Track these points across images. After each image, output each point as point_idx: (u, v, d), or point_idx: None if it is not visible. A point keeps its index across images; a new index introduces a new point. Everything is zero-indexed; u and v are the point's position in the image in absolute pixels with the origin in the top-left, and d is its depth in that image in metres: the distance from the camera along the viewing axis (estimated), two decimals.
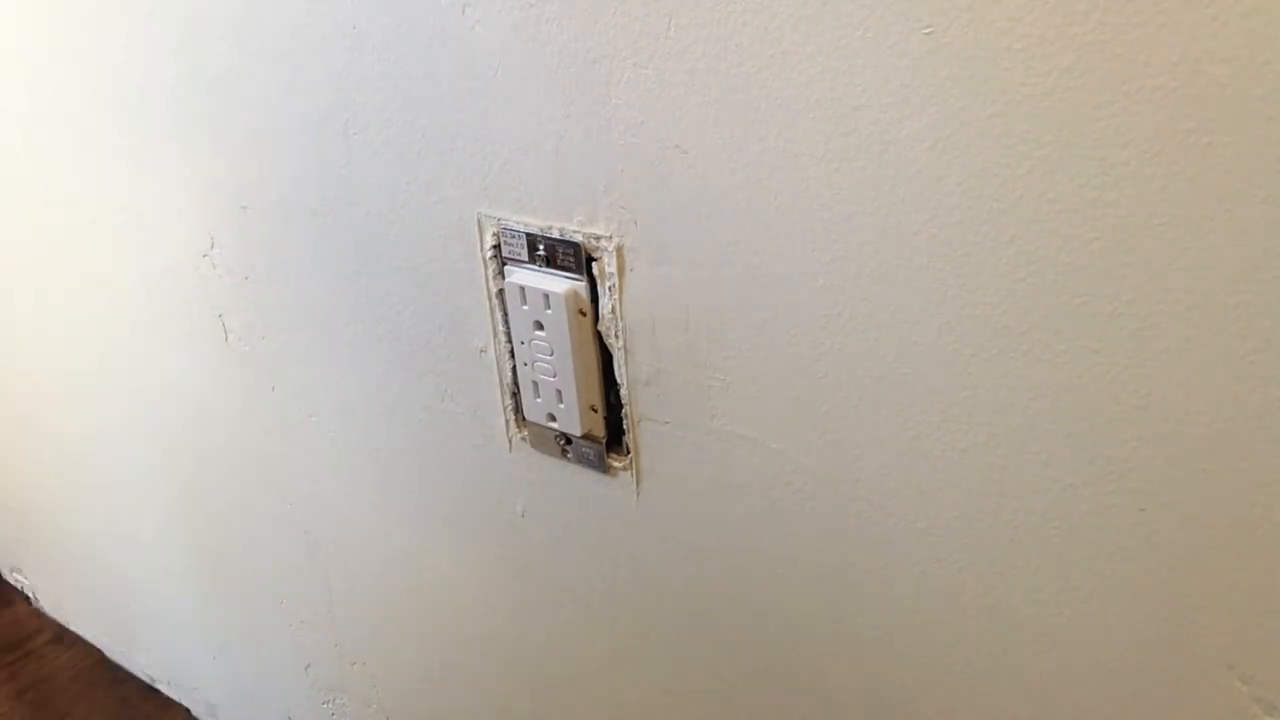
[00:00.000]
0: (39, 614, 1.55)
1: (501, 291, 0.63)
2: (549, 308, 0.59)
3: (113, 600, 1.33)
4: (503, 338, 0.65)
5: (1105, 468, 0.45)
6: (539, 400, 0.64)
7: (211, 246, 0.82)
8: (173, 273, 0.87)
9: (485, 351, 0.67)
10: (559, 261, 0.59)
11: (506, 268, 0.61)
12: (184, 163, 0.79)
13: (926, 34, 0.41)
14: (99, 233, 0.92)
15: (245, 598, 1.07)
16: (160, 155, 0.80)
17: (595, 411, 0.62)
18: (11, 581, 1.60)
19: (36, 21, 0.83)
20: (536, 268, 0.60)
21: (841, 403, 0.52)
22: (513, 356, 0.65)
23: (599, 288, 0.58)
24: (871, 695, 0.60)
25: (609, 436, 0.63)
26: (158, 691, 1.38)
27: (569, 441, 0.65)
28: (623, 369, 0.60)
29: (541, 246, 0.59)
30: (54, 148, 0.90)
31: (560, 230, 0.58)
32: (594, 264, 0.57)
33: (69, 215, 0.94)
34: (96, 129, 0.84)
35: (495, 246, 0.61)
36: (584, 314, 0.59)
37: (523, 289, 0.60)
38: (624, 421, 0.62)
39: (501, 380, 0.67)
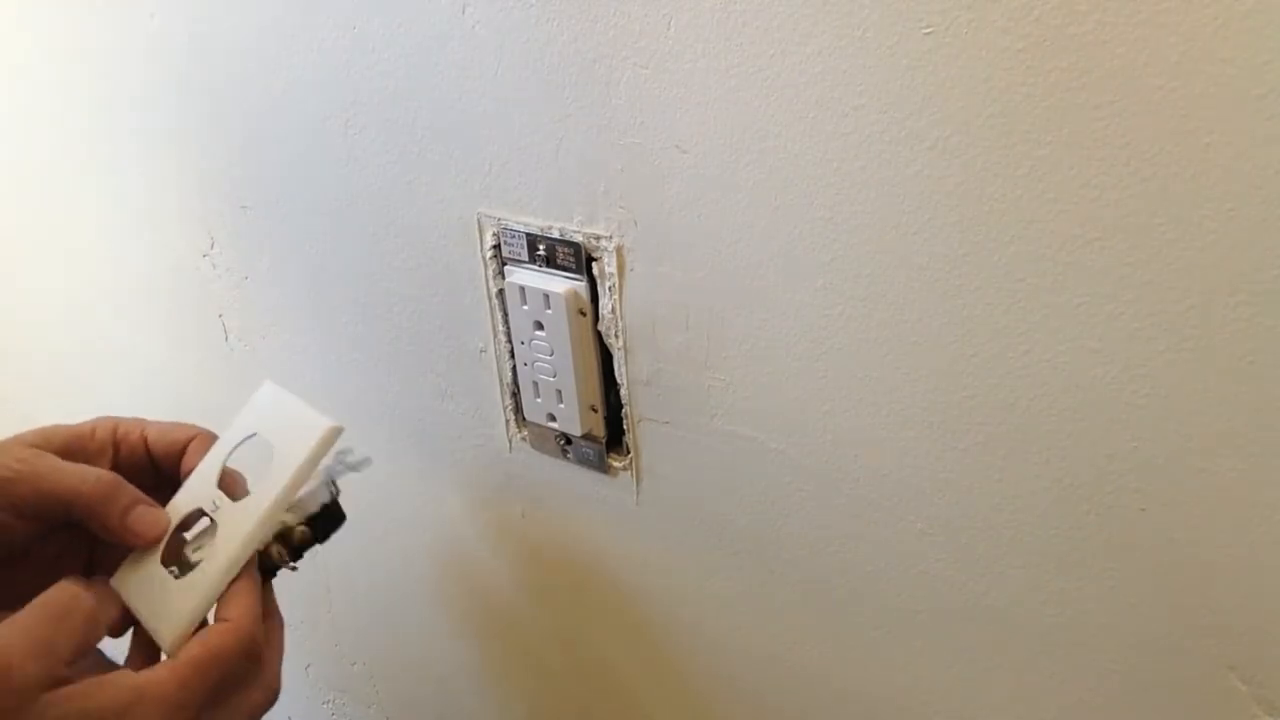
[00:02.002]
0: None
1: (501, 291, 0.63)
2: (549, 308, 0.59)
3: None
4: (503, 338, 0.65)
5: (1105, 467, 0.45)
6: (539, 400, 0.64)
7: (211, 246, 0.82)
8: (173, 273, 0.87)
9: (485, 351, 0.67)
10: (559, 261, 0.59)
11: (506, 268, 0.61)
12: (184, 163, 0.79)
13: (926, 34, 0.41)
14: (98, 233, 0.92)
15: None
16: (160, 155, 0.80)
17: (595, 411, 0.62)
18: None
19: (35, 20, 0.83)
20: (536, 268, 0.60)
21: (841, 403, 0.52)
22: (513, 356, 0.65)
23: (599, 288, 0.58)
24: (872, 695, 0.60)
25: (609, 436, 0.63)
26: None
27: (569, 441, 0.65)
28: (623, 369, 0.60)
29: (541, 246, 0.59)
30: (52, 148, 0.90)
31: (560, 230, 0.58)
32: (594, 264, 0.57)
33: (68, 216, 0.94)
34: (95, 129, 0.84)
35: (495, 246, 0.61)
36: (584, 314, 0.59)
37: (523, 289, 0.60)
38: (624, 421, 0.62)
39: (501, 380, 0.67)
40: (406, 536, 0.84)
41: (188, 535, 0.50)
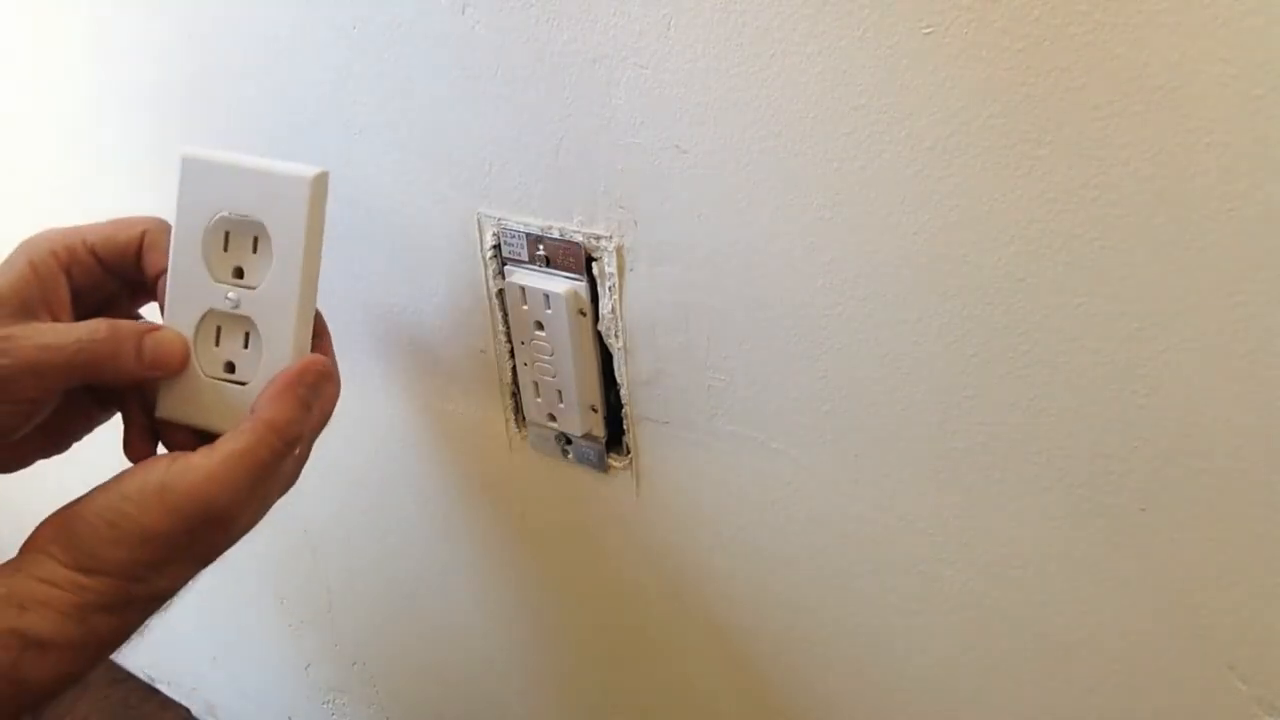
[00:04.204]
0: None
1: (501, 291, 0.63)
2: (549, 308, 0.59)
3: None
4: (503, 338, 0.65)
5: (1105, 467, 0.45)
6: (539, 400, 0.64)
7: None
8: None
9: (485, 351, 0.67)
10: (559, 262, 0.59)
11: (506, 268, 0.61)
12: None
13: (926, 34, 0.41)
14: None
15: (245, 598, 1.07)
16: (159, 156, 0.80)
17: (595, 411, 0.62)
18: None
19: (33, 20, 0.83)
20: (536, 268, 0.60)
21: (841, 403, 0.52)
22: (513, 356, 0.65)
23: (599, 288, 0.58)
24: (871, 695, 0.60)
25: (609, 436, 0.63)
26: (158, 691, 1.38)
27: (569, 441, 0.65)
28: (623, 369, 0.60)
29: (541, 246, 0.59)
30: (52, 149, 0.90)
31: (560, 230, 0.58)
32: (594, 264, 0.57)
33: (69, 219, 0.94)
34: (94, 130, 0.84)
35: (495, 246, 0.62)
36: (584, 314, 0.59)
37: (523, 289, 0.60)
38: (624, 421, 0.62)
39: (501, 380, 0.67)
40: (406, 536, 0.84)
41: (217, 343, 0.47)
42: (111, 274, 0.48)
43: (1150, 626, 0.47)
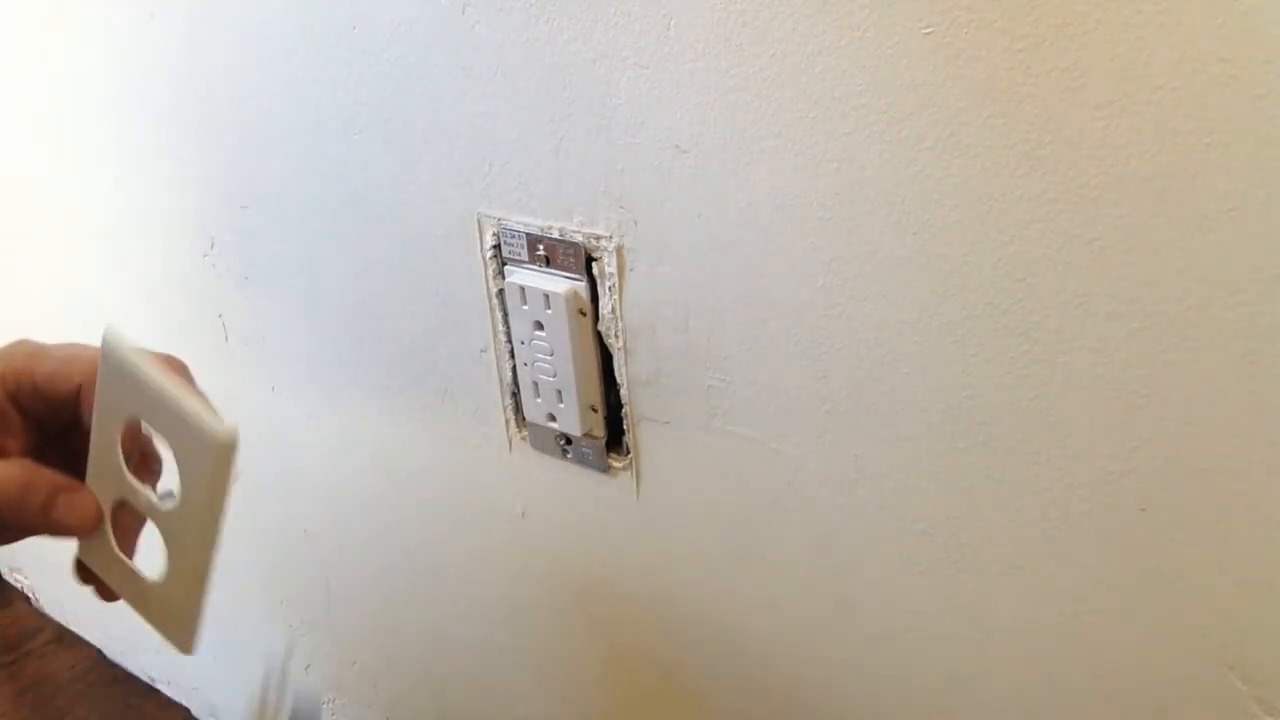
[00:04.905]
0: (39, 614, 1.55)
1: (501, 291, 0.63)
2: (549, 308, 0.59)
3: None
4: (503, 338, 0.65)
5: (1105, 467, 0.45)
6: (539, 400, 0.64)
7: (211, 246, 0.82)
8: (173, 273, 0.87)
9: (485, 351, 0.67)
10: (559, 261, 0.59)
11: (506, 268, 0.61)
12: (184, 163, 0.79)
13: (926, 34, 0.41)
14: (99, 235, 0.92)
15: (245, 598, 1.07)
16: (160, 155, 0.80)
17: (595, 411, 0.62)
18: (11, 581, 1.60)
19: (35, 21, 0.83)
20: (536, 268, 0.60)
21: (841, 403, 0.52)
22: (513, 356, 0.65)
23: (599, 288, 0.58)
24: (870, 694, 0.60)
25: (609, 436, 0.63)
26: (158, 691, 1.38)
27: (569, 441, 0.65)
28: (623, 369, 0.60)
29: (541, 246, 0.59)
30: (52, 149, 0.90)
31: (560, 230, 0.58)
32: (594, 264, 0.57)
33: (68, 218, 0.94)
34: (95, 131, 0.84)
35: (495, 246, 0.61)
36: (584, 314, 0.59)
37: (523, 289, 0.60)
38: (624, 421, 0.62)
39: (501, 380, 0.67)
40: (406, 536, 0.84)
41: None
42: (61, 409, 0.46)
43: (1150, 626, 0.47)
